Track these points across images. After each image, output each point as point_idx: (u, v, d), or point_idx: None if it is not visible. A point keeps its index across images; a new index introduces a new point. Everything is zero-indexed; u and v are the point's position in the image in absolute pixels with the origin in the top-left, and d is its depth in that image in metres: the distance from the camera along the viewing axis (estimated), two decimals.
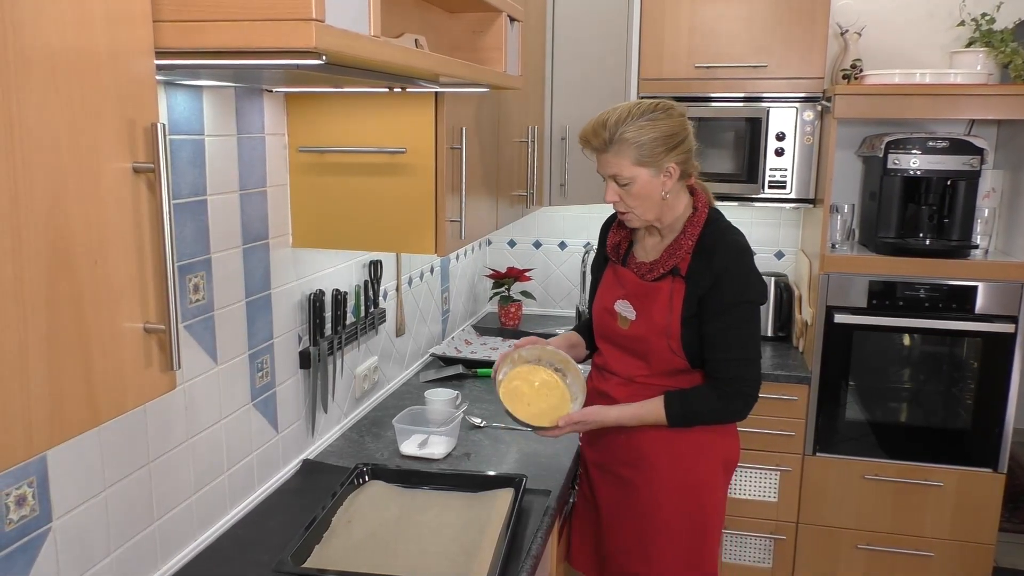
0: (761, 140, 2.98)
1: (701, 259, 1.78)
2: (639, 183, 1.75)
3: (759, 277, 1.81)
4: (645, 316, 1.83)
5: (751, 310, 1.80)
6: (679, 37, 3.00)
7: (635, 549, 1.92)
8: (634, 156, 1.73)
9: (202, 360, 1.61)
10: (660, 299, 1.81)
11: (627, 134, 1.72)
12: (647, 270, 1.85)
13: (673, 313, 1.79)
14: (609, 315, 1.92)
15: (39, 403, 0.75)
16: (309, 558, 1.54)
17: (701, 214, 1.82)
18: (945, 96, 2.69)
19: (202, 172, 1.57)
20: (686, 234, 1.81)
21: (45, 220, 0.74)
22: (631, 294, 1.87)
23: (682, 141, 1.76)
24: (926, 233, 2.93)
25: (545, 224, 3.61)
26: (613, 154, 1.75)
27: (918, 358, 2.95)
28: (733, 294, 1.76)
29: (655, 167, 1.74)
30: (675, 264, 1.80)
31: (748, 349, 1.79)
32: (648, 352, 1.84)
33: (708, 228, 1.81)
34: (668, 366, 1.83)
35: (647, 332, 1.83)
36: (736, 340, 1.77)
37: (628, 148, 1.73)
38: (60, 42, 0.74)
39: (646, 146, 1.72)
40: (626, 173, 1.75)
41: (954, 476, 2.85)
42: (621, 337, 1.89)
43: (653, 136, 1.72)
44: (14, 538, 1.19)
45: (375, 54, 1.09)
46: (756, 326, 1.81)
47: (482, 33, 1.84)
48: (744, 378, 1.79)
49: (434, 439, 2.06)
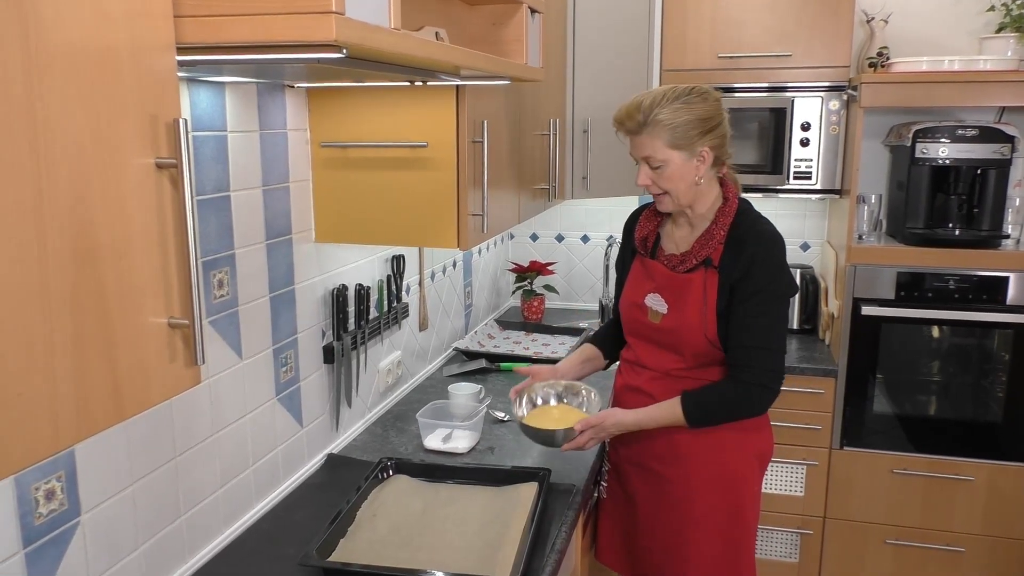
0: (786, 130, 2.95)
1: (733, 248, 1.76)
2: (672, 166, 1.74)
3: (788, 271, 1.79)
4: (677, 309, 1.81)
5: (778, 300, 1.77)
6: (702, 27, 2.97)
7: (671, 545, 1.90)
8: (668, 138, 1.72)
9: (227, 355, 1.62)
10: (694, 291, 1.79)
11: (661, 116, 1.71)
12: (678, 262, 1.83)
13: (708, 304, 1.77)
14: (639, 310, 1.90)
15: (65, 398, 0.75)
16: (334, 552, 1.54)
17: (732, 204, 1.81)
18: (974, 83, 2.64)
19: (225, 168, 1.57)
20: (717, 224, 1.79)
21: (69, 216, 0.74)
22: (662, 287, 1.85)
23: (716, 126, 1.74)
24: (955, 223, 2.88)
25: (567, 217, 3.60)
26: (647, 136, 1.73)
27: (947, 350, 2.91)
28: (761, 282, 1.74)
29: (689, 150, 1.73)
30: (708, 255, 1.78)
31: (771, 339, 1.76)
32: (681, 345, 1.82)
33: (739, 218, 1.79)
34: (705, 358, 1.81)
35: (679, 325, 1.81)
36: (759, 328, 1.74)
37: (662, 130, 1.71)
38: (82, 39, 0.75)
39: (680, 128, 1.71)
40: (659, 156, 1.73)
41: (985, 470, 2.81)
42: (653, 331, 1.87)
43: (687, 119, 1.71)
44: (44, 531, 1.21)
45: (395, 47, 1.09)
46: (782, 317, 1.79)
47: (503, 25, 1.83)
48: (763, 368, 1.75)
49: (458, 433, 2.07)
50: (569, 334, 3.08)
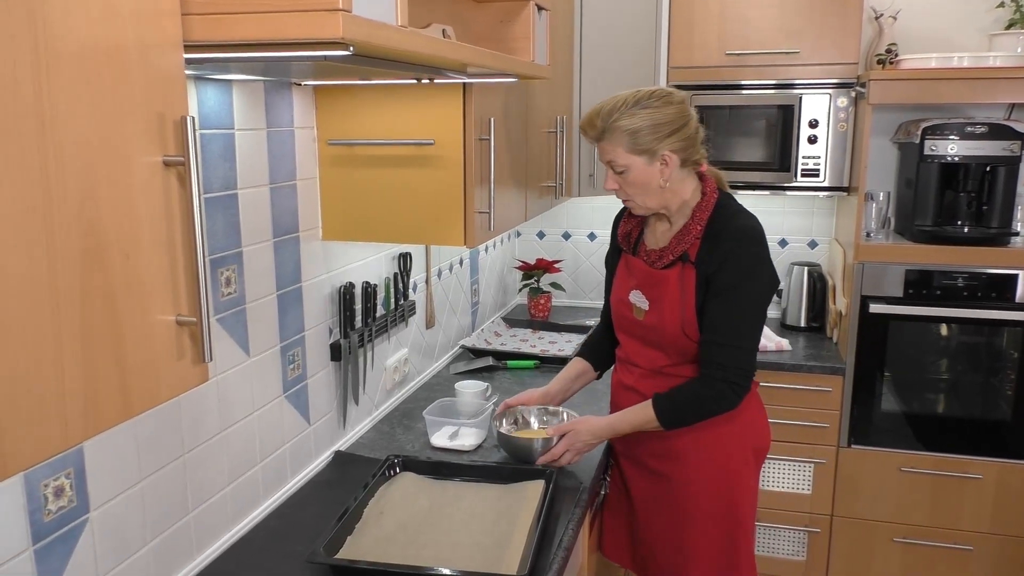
0: (793, 128, 2.94)
1: (709, 243, 1.76)
2: (634, 171, 1.74)
3: (767, 264, 1.76)
4: (657, 305, 1.82)
5: (751, 296, 1.74)
6: (709, 24, 2.96)
7: (670, 540, 1.91)
8: (628, 144, 1.72)
9: (235, 353, 1.62)
10: (671, 287, 1.79)
11: (620, 122, 1.71)
12: (656, 258, 1.83)
13: (687, 300, 1.77)
14: (625, 306, 1.91)
15: (74, 395, 0.76)
16: (341, 549, 1.54)
17: (710, 199, 1.79)
18: (984, 80, 2.63)
19: (232, 166, 1.58)
20: (695, 219, 1.78)
21: (77, 213, 0.74)
22: (642, 283, 1.85)
23: (679, 129, 1.72)
24: (964, 220, 2.86)
25: (574, 215, 3.60)
26: (607, 142, 1.74)
27: (956, 348, 2.89)
28: (734, 278, 1.72)
29: (649, 155, 1.72)
30: (684, 250, 1.78)
31: (742, 336, 1.74)
32: (664, 341, 1.82)
33: (717, 213, 1.78)
34: (688, 354, 1.81)
35: (660, 321, 1.81)
36: (729, 325, 1.73)
37: (622, 136, 1.71)
38: (90, 37, 0.75)
39: (640, 134, 1.70)
40: (621, 161, 1.74)
41: (994, 468, 2.80)
42: (639, 328, 1.88)
43: (646, 124, 1.70)
44: (53, 528, 1.21)
45: (402, 44, 1.09)
46: (757, 313, 1.76)
47: (510, 22, 1.83)
48: (731, 366, 1.73)
49: (464, 431, 2.07)
50: (576, 331, 3.08)
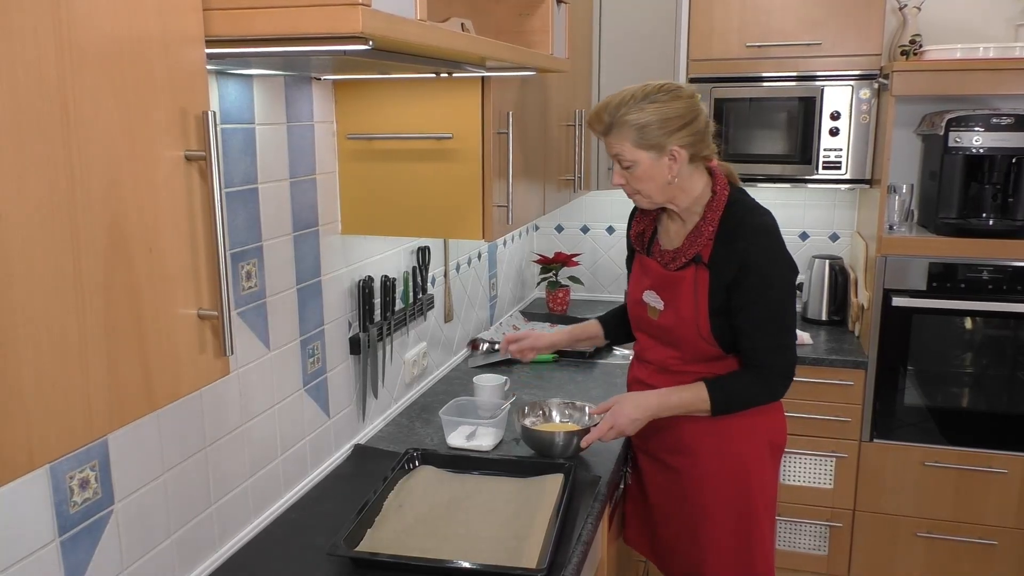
0: (815, 120, 2.91)
1: (724, 245, 1.73)
2: (641, 167, 1.71)
3: (786, 258, 1.75)
4: (672, 306, 1.81)
5: (781, 295, 1.75)
6: (729, 15, 2.94)
7: (685, 534, 1.91)
8: (635, 139, 1.69)
9: (255, 346, 1.63)
10: (685, 289, 1.78)
11: (628, 116, 1.68)
12: (670, 259, 1.81)
13: (700, 303, 1.76)
14: (640, 306, 1.90)
15: (98, 388, 0.76)
16: (361, 542, 1.55)
17: (720, 197, 1.77)
18: (1010, 70, 2.59)
19: (253, 160, 1.59)
20: (706, 219, 1.75)
21: (101, 207, 0.75)
22: (656, 284, 1.84)
23: (688, 123, 1.69)
24: (989, 213, 2.82)
25: (593, 209, 3.58)
26: (614, 137, 1.72)
27: (980, 342, 2.86)
28: (761, 281, 1.71)
29: (657, 150, 1.69)
30: (697, 252, 1.75)
31: (782, 336, 1.76)
32: (679, 341, 1.82)
33: (729, 211, 1.75)
34: (702, 354, 1.81)
35: (675, 322, 1.80)
36: (769, 329, 1.74)
37: (629, 131, 1.69)
38: (113, 31, 0.75)
39: (647, 128, 1.68)
40: (628, 156, 1.71)
41: (1019, 463, 2.76)
42: (653, 327, 1.87)
43: (655, 119, 1.67)
44: (79, 520, 1.23)
45: (421, 38, 1.09)
46: (788, 310, 1.77)
47: (528, 15, 1.83)
48: (780, 364, 1.77)
49: (482, 431, 2.05)
50: None
